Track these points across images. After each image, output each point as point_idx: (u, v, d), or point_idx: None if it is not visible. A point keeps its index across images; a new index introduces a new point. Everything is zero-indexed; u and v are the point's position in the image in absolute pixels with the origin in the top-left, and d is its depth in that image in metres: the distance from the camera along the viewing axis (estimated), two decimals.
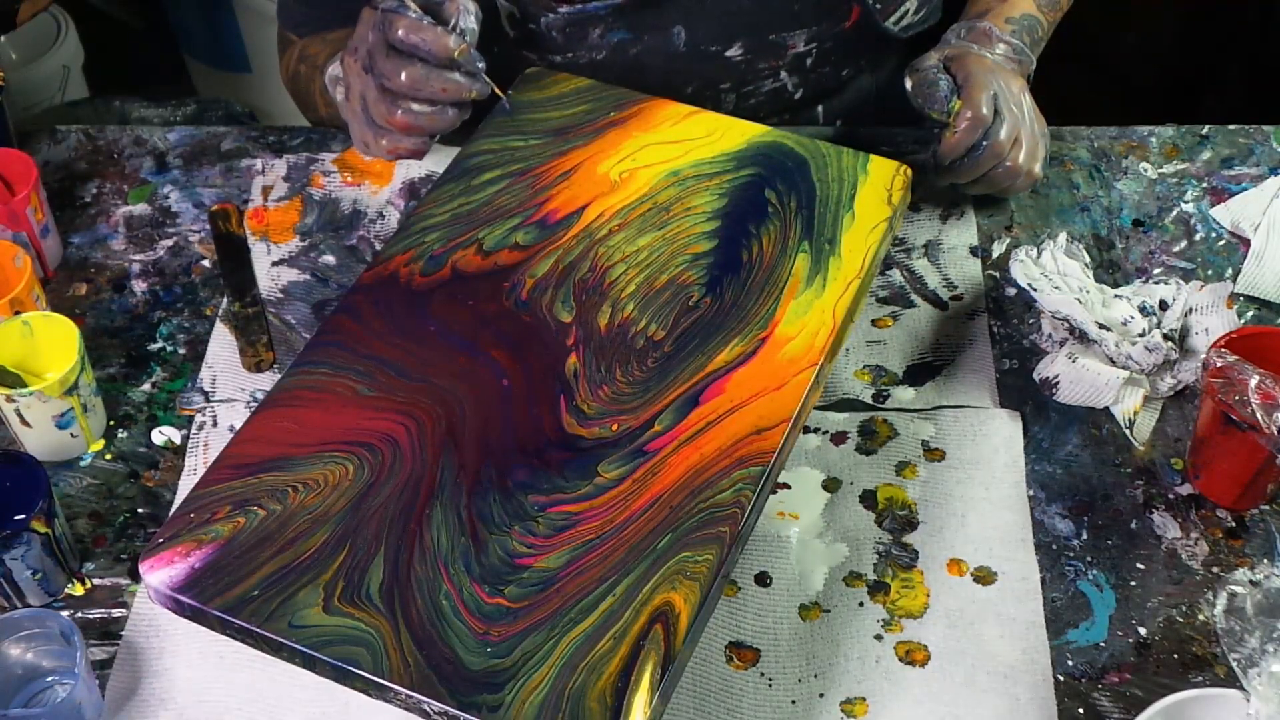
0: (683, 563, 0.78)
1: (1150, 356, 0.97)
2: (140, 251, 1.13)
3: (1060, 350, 1.00)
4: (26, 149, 1.18)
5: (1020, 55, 1.10)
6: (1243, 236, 1.10)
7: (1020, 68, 1.10)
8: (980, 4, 1.14)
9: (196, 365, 1.04)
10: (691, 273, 0.93)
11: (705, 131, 1.02)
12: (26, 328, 0.98)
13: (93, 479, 0.98)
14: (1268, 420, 0.86)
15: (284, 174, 1.17)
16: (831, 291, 0.92)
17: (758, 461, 0.83)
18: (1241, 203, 1.12)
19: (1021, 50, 1.10)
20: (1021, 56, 1.10)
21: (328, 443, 0.84)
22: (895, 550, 0.93)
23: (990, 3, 1.13)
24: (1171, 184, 1.15)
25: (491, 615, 0.77)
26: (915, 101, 1.06)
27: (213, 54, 2.07)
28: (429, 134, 1.00)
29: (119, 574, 0.93)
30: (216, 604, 0.77)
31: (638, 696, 0.73)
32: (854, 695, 0.86)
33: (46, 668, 0.88)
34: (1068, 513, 0.95)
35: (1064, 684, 0.87)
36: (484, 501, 0.81)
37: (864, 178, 0.99)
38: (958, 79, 1.05)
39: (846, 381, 1.02)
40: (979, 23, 1.10)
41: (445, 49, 0.96)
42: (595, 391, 0.86)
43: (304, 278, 1.10)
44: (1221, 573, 0.92)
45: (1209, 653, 0.88)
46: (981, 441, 0.98)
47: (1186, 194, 1.14)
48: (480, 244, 0.95)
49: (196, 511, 0.81)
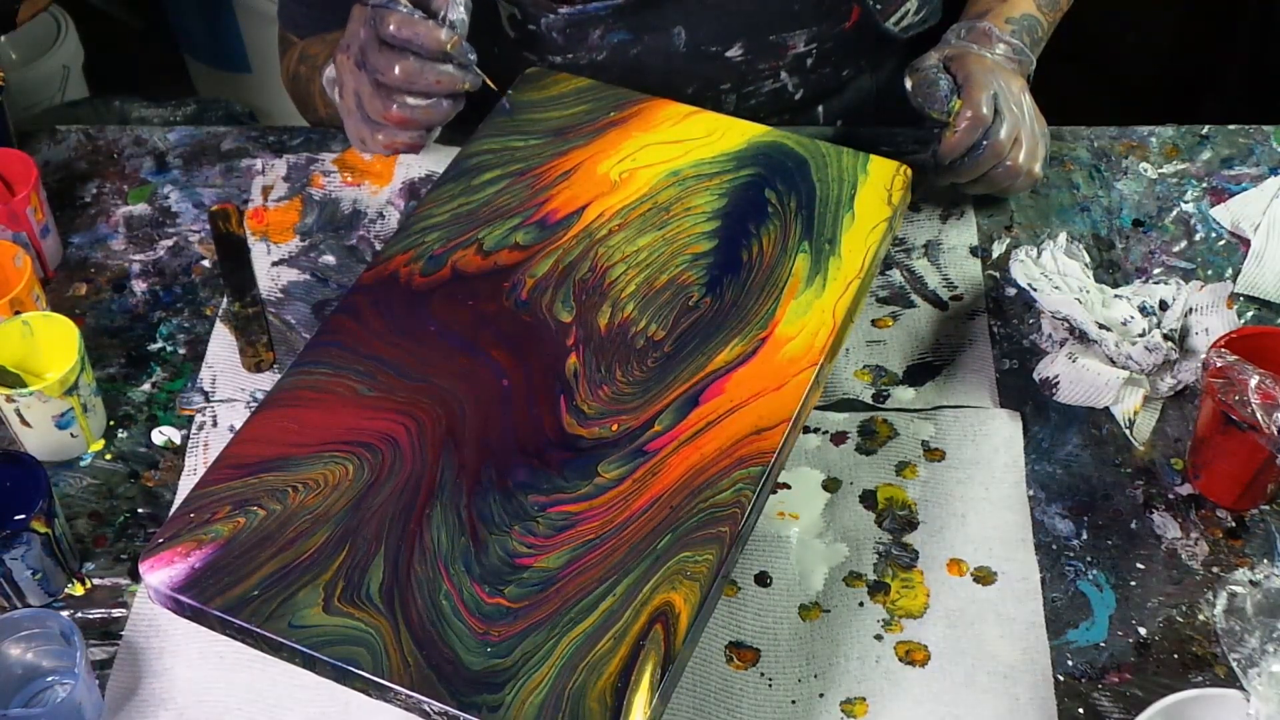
0: (683, 563, 0.78)
1: (1150, 356, 0.97)
2: (140, 251, 1.13)
3: (1060, 350, 1.00)
4: (26, 149, 1.18)
5: (1020, 55, 1.10)
6: (1243, 236, 1.10)
7: (1020, 68, 1.10)
8: (980, 4, 1.14)
9: (196, 365, 1.04)
10: (691, 273, 0.93)
11: (705, 131, 1.02)
12: (26, 328, 0.98)
13: (93, 479, 0.98)
14: (1268, 420, 0.86)
15: (284, 174, 1.17)
16: (831, 291, 0.92)
17: (758, 461, 0.83)
18: (1241, 203, 1.12)
19: (1021, 50, 1.10)
20: (1021, 56, 1.10)
21: (328, 443, 0.84)
22: (895, 550, 0.93)
23: (990, 3, 1.13)
24: (1171, 184, 1.15)
25: (491, 615, 0.77)
26: (915, 101, 1.06)
27: (213, 54, 2.07)
28: (424, 127, 1.00)
29: (119, 574, 0.93)
30: (216, 604, 0.77)
31: (638, 696, 0.73)
32: (854, 695, 0.86)
33: (46, 668, 0.88)
34: (1068, 513, 0.95)
35: (1064, 684, 0.87)
36: (484, 501, 0.81)
37: (864, 178, 0.99)
38: (958, 79, 1.05)
39: (846, 381, 1.02)
40: (979, 23, 1.10)
41: (437, 42, 0.96)
42: (595, 391, 0.86)
43: (304, 278, 1.10)
44: (1221, 573, 0.92)
45: (1209, 653, 0.88)
46: (981, 441, 0.98)
47: (1186, 194, 1.14)
48: (480, 244, 0.95)
49: (196, 511, 0.81)
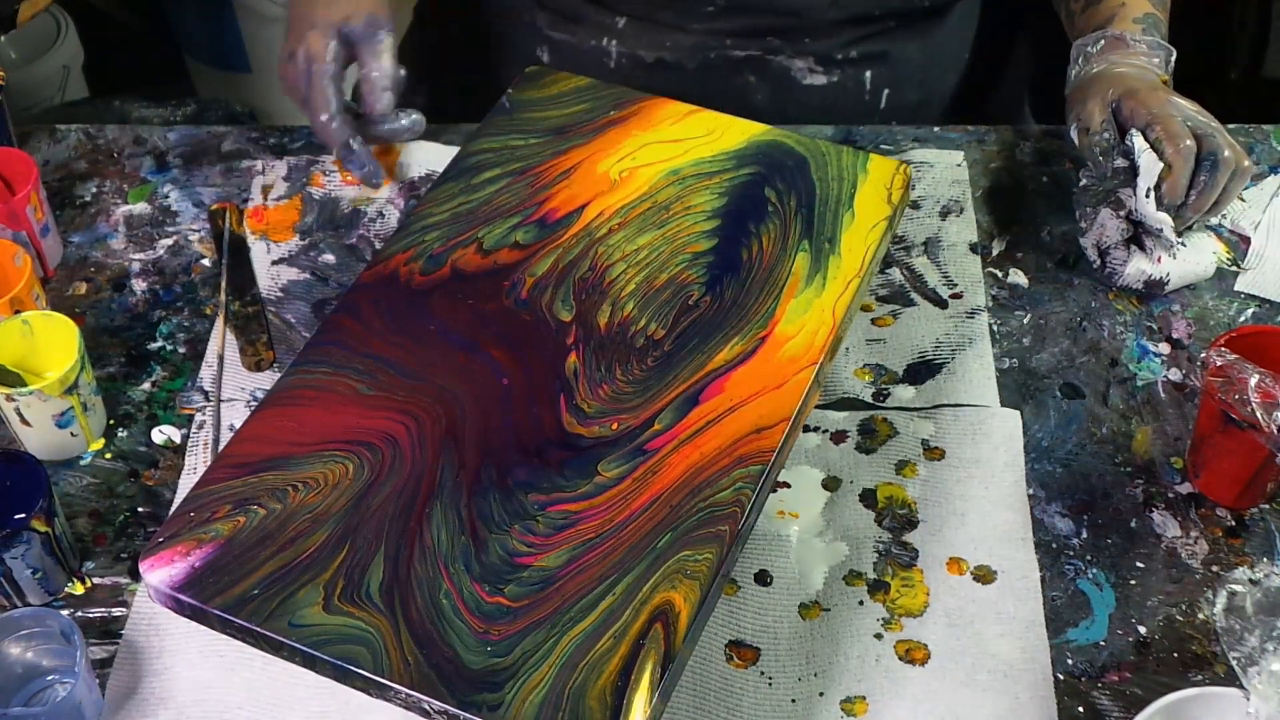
0: (683, 561, 0.78)
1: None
2: (140, 251, 1.13)
3: (1138, 251, 1.04)
4: (26, 148, 1.18)
5: (1157, 50, 1.07)
6: (1243, 235, 1.11)
7: (1162, 66, 1.07)
8: (1097, 12, 1.11)
9: (196, 364, 1.04)
10: (691, 272, 0.93)
11: (705, 130, 1.02)
12: (26, 327, 0.98)
13: (93, 478, 0.98)
14: (1267, 419, 0.86)
15: (284, 174, 1.17)
16: (831, 290, 0.92)
17: (757, 460, 0.83)
18: (1242, 201, 1.13)
19: (1157, 45, 1.07)
20: (1159, 51, 1.07)
21: (328, 442, 0.84)
22: (895, 549, 0.93)
23: (1111, 7, 1.10)
24: None
25: (491, 614, 0.77)
26: (1089, 156, 1.06)
27: (213, 54, 2.07)
28: None
29: (119, 573, 0.93)
30: (216, 603, 0.77)
31: (638, 695, 0.73)
32: (854, 694, 0.86)
33: (46, 667, 0.88)
34: (1067, 511, 0.95)
35: (1064, 683, 0.87)
36: (484, 500, 0.81)
37: (864, 176, 0.99)
38: (1133, 120, 1.03)
39: (846, 380, 1.02)
40: (1109, 30, 1.08)
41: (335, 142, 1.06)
42: (595, 390, 0.86)
43: (304, 277, 1.10)
44: (1221, 571, 0.92)
45: (1209, 651, 0.88)
46: (981, 440, 0.98)
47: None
48: (480, 243, 0.95)
49: (196, 510, 0.81)
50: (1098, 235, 1.05)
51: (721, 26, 1.20)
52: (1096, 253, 1.06)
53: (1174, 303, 1.06)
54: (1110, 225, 1.04)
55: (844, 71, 1.23)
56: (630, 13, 1.21)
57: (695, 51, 1.21)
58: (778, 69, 1.22)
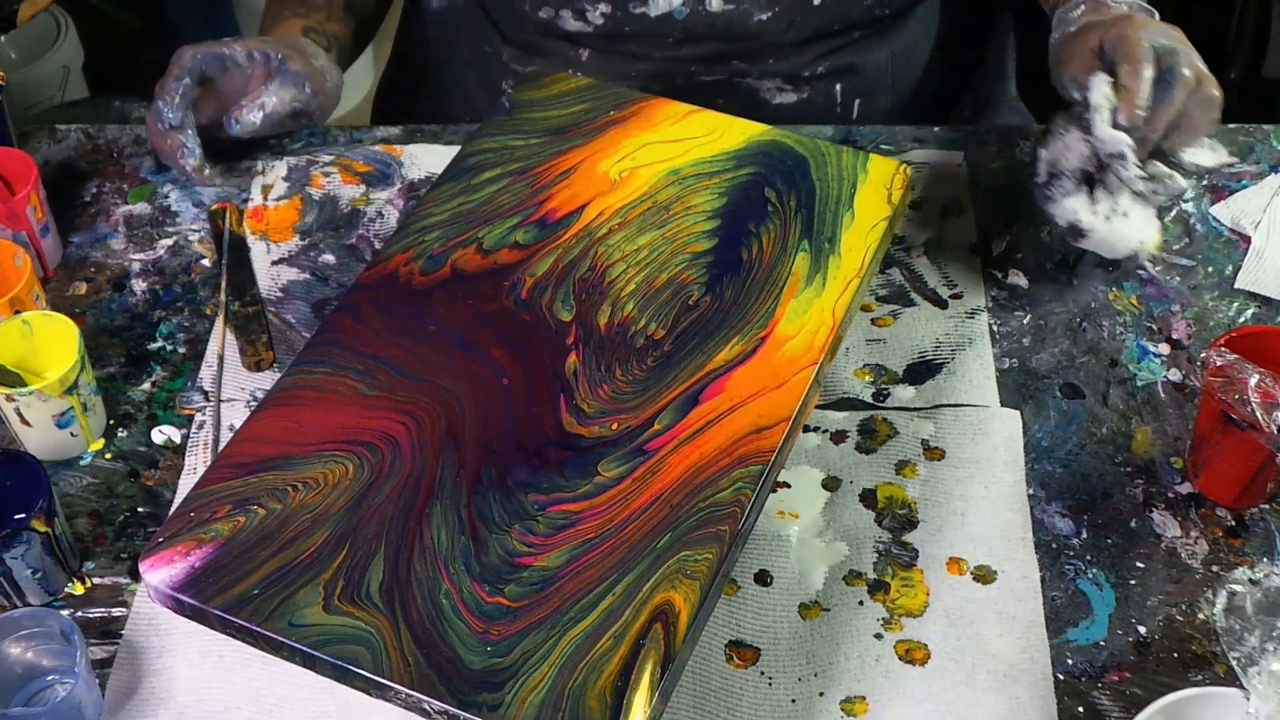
0: (683, 561, 0.78)
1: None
2: (140, 251, 1.13)
3: (1076, 195, 0.98)
4: (26, 148, 1.18)
5: (1139, 11, 1.01)
6: (1243, 234, 1.11)
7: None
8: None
9: (196, 364, 1.04)
10: (691, 272, 0.93)
11: (705, 130, 1.02)
12: (26, 327, 0.98)
13: (93, 478, 0.98)
14: (1267, 419, 0.86)
15: (284, 174, 1.17)
16: (831, 290, 0.92)
17: (757, 460, 0.83)
18: (1242, 200, 1.13)
19: (1138, 7, 1.02)
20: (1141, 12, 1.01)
21: (327, 442, 0.84)
22: (895, 549, 0.93)
23: None
24: None
25: (491, 614, 0.77)
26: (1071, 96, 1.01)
27: None
28: None
29: (119, 573, 0.93)
30: (216, 603, 0.77)
31: (638, 695, 0.73)
32: (854, 694, 0.86)
33: (46, 667, 0.88)
34: (1067, 511, 0.95)
35: (1064, 683, 0.87)
36: (484, 500, 0.81)
37: (864, 176, 0.99)
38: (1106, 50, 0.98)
39: (846, 380, 1.02)
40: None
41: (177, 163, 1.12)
42: (595, 390, 0.86)
43: (304, 277, 1.10)
44: (1221, 572, 0.92)
45: (1209, 651, 0.88)
46: (981, 440, 0.98)
47: (1187, 191, 1.14)
48: (480, 243, 0.95)
49: (196, 511, 0.81)
50: (1059, 152, 0.99)
51: (685, 54, 1.20)
52: (1047, 172, 1.00)
53: (1174, 303, 1.06)
54: (1075, 148, 0.98)
55: (813, 88, 1.23)
56: (593, 46, 1.21)
57: (661, 79, 1.21)
58: (746, 90, 1.22)
